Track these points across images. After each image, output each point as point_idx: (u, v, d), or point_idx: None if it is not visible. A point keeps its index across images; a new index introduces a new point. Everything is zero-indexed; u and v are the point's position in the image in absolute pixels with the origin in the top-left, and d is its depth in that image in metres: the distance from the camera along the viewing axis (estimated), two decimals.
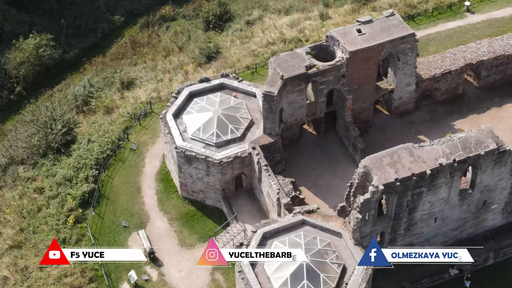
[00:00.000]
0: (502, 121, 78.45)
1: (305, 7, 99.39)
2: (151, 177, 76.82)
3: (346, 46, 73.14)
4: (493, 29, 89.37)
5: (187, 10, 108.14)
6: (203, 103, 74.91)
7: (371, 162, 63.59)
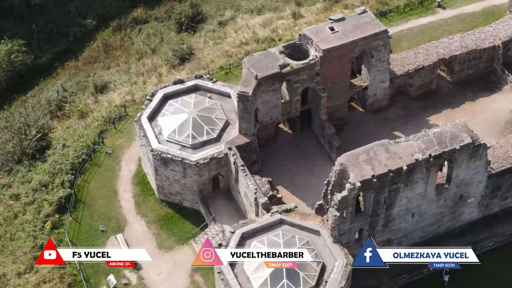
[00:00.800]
0: (476, 115, 78.92)
1: (277, 6, 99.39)
2: (128, 181, 76.52)
3: (319, 44, 73.22)
4: (465, 24, 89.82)
5: (159, 12, 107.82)
6: (177, 105, 74.71)
7: (348, 159, 63.72)
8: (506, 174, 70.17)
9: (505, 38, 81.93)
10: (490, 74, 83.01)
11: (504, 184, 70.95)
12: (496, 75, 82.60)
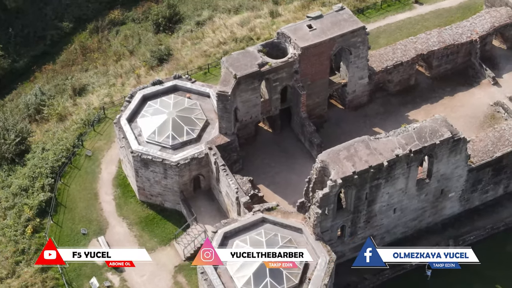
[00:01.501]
0: (455, 110, 79.19)
1: (255, 5, 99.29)
2: (108, 183, 76.19)
3: (298, 42, 73.20)
4: (442, 19, 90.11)
5: (136, 14, 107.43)
6: (157, 105, 74.47)
7: (328, 156, 63.74)
8: (486, 167, 70.45)
9: (482, 33, 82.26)
10: (468, 69, 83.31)
11: (484, 177, 71.23)
12: (474, 70, 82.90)
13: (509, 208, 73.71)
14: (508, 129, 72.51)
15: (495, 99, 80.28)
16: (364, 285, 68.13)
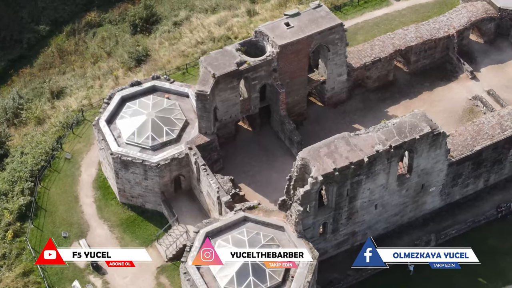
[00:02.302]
0: (434, 105, 79.42)
1: (232, 4, 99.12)
2: (88, 185, 75.80)
3: (276, 40, 73.14)
4: (419, 14, 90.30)
5: (112, 15, 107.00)
6: (136, 107, 74.16)
7: (309, 153, 63.72)
8: (466, 161, 70.69)
9: (459, 27, 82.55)
10: (446, 63, 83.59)
11: (464, 171, 71.47)
12: (452, 64, 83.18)
13: (490, 202, 74.04)
14: (487, 122, 72.79)
15: (473, 93, 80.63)
16: (347, 282, 68.20)
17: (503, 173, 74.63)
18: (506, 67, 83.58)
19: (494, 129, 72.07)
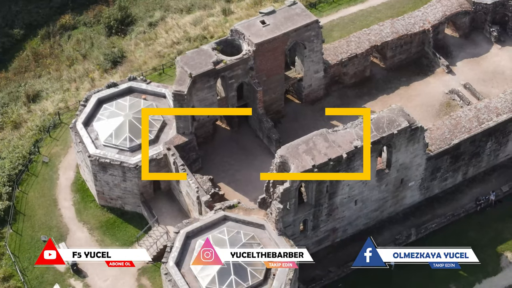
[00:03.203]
0: (411, 99, 79.65)
1: (207, 4, 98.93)
2: (67, 189, 75.40)
3: (252, 38, 73.06)
4: (394, 10, 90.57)
5: (87, 17, 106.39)
6: (112, 108, 73.82)
7: (287, 151, 63.66)
8: (444, 155, 70.89)
9: (434, 22, 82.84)
10: (422, 58, 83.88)
11: (443, 165, 71.66)
12: (428, 59, 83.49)
13: (469, 195, 74.29)
14: (464, 116, 73.02)
15: (450, 87, 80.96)
16: (329, 278, 68.18)
17: (481, 166, 74.91)
18: (481, 61, 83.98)
19: (471, 122, 72.32)
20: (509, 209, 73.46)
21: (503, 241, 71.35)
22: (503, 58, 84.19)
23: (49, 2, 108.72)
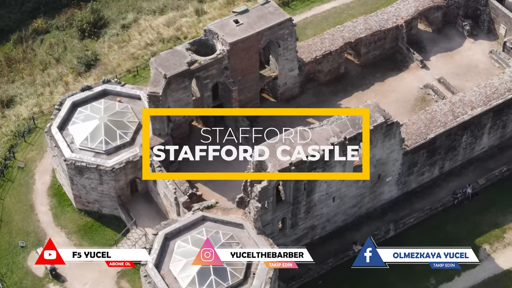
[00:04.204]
0: (386, 95, 79.86)
1: (180, 4, 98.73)
2: (43, 193, 74.96)
3: (225, 38, 72.98)
4: (367, 6, 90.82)
5: (59, 21, 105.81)
6: (87, 111, 73.44)
7: (264, 150, 63.53)
8: (420, 150, 71.12)
9: (407, 17, 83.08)
10: (396, 54, 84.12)
11: (419, 160, 71.89)
12: (402, 54, 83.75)
13: (446, 189, 74.55)
14: (439, 110, 73.27)
15: (424, 81, 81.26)
16: (308, 275, 68.21)
17: (458, 159, 75.24)
18: (455, 55, 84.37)
19: (446, 117, 72.61)
20: (486, 202, 73.84)
21: (481, 234, 71.69)
22: (476, 51, 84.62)
23: (21, 6, 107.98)
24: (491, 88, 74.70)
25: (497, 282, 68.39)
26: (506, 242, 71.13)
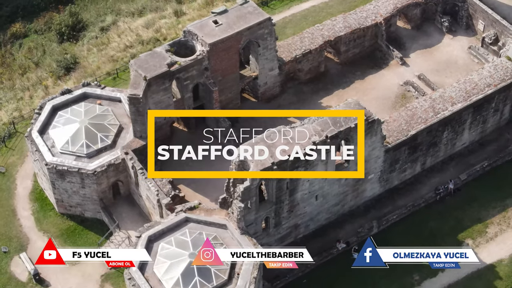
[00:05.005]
0: (366, 93, 79.98)
1: (159, 6, 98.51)
2: (25, 198, 74.62)
3: (205, 38, 72.86)
4: (346, 4, 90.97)
5: (38, 25, 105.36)
6: (68, 115, 73.16)
7: (246, 150, 63.47)
8: (402, 146, 71.29)
9: (386, 14, 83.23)
10: (376, 51, 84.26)
11: (401, 157, 72.06)
12: (382, 52, 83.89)
13: (428, 185, 74.81)
14: (420, 107, 73.49)
15: (404, 78, 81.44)
16: (293, 274, 68.23)
17: (439, 155, 75.49)
18: (434, 51, 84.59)
19: (427, 113, 72.81)
20: (468, 197, 74.15)
21: (463, 229, 71.99)
22: (455, 47, 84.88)
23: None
24: (470, 84, 75.01)
25: (481, 277, 68.68)
26: (488, 236, 71.45)
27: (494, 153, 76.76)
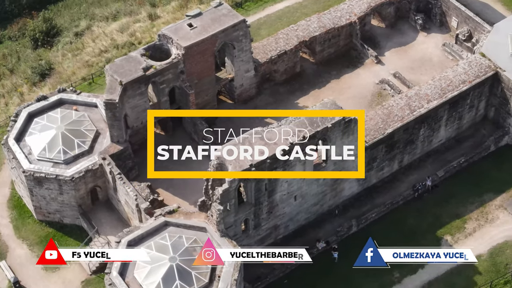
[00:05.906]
0: (342, 92, 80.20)
1: (133, 10, 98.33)
2: (3, 206, 74.25)
3: (180, 42, 72.82)
4: (320, 4, 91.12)
5: (11, 31, 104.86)
6: (44, 122, 72.87)
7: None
8: (379, 145, 71.55)
9: (360, 14, 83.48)
10: (351, 50, 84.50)
11: (378, 155, 72.33)
12: (357, 51, 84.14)
13: (406, 182, 75.11)
14: (396, 105, 73.78)
15: (380, 77, 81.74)
16: (274, 275, 68.32)
17: (416, 153, 75.82)
18: (409, 49, 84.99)
19: (403, 111, 73.12)
20: (446, 194, 74.51)
21: (442, 225, 72.32)
22: (429, 45, 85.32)
23: None
24: (445, 81, 75.42)
25: (460, 273, 68.98)
26: (467, 232, 71.83)
27: (471, 149, 77.18)
